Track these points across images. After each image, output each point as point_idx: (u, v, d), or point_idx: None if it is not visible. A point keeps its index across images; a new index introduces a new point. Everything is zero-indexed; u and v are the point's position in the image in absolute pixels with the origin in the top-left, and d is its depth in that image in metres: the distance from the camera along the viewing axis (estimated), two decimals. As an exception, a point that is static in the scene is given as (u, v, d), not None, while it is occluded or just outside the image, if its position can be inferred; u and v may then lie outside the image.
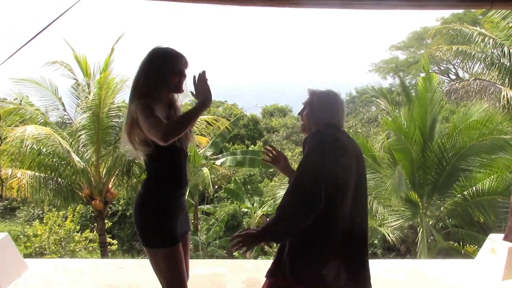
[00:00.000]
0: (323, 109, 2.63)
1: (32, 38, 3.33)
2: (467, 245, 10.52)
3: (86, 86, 11.37)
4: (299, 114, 2.74)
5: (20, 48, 3.34)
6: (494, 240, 4.74)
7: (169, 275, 2.69)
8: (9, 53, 3.35)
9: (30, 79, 11.52)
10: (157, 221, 2.64)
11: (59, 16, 3.24)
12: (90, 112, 10.98)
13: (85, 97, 10.96)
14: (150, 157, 2.63)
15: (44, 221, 14.65)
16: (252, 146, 24.86)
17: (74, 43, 12.05)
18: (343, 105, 2.69)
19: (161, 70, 2.59)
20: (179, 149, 2.68)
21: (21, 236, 14.48)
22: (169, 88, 2.65)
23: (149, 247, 2.68)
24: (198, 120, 13.60)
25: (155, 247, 2.66)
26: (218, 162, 14.89)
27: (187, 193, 14.74)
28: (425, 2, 3.42)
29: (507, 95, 10.87)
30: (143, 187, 2.77)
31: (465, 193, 10.40)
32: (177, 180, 2.73)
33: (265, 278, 2.58)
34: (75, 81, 12.09)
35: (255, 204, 17.08)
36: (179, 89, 2.68)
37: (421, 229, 10.33)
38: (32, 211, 17.85)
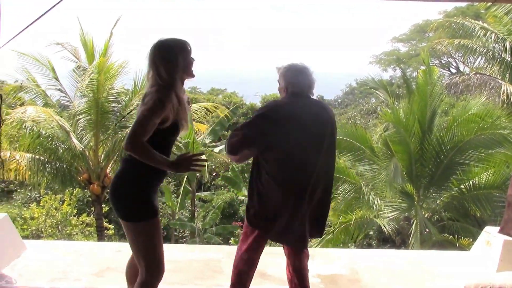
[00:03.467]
0: (285, 80, 3.02)
1: (33, 22, 3.33)
2: (462, 238, 10.58)
3: (87, 70, 11.31)
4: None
5: (21, 31, 3.34)
6: (490, 232, 4.78)
7: (151, 250, 2.71)
8: (11, 35, 3.34)
9: (32, 55, 11.47)
10: (139, 194, 2.68)
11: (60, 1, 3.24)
12: (90, 96, 10.96)
13: (86, 81, 10.93)
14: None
15: (41, 204, 14.66)
16: (251, 134, 24.83)
17: (78, 26, 11.93)
18: (305, 74, 3.02)
19: (180, 59, 2.69)
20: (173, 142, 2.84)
21: (18, 219, 14.48)
22: (187, 75, 2.76)
23: (132, 221, 2.69)
24: (198, 107, 13.65)
25: (139, 221, 2.67)
26: (216, 150, 14.89)
27: (185, 179, 14.80)
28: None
29: (507, 90, 10.87)
30: (125, 166, 2.78)
31: (462, 186, 10.45)
32: (159, 172, 2.76)
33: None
34: (76, 64, 12.06)
35: (252, 192, 17.07)
36: (193, 74, 2.79)
37: (415, 221, 10.39)
38: (29, 194, 17.82)
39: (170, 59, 2.66)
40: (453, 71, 27.64)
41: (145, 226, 2.68)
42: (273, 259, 4.19)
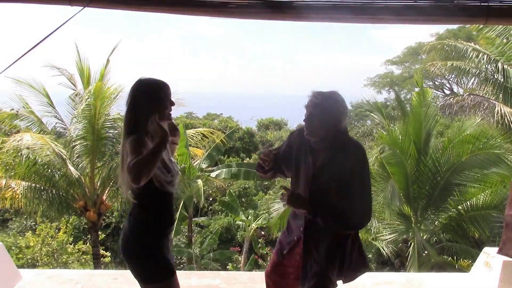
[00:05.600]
0: (337, 113, 2.67)
1: (31, 49, 3.34)
2: (461, 259, 10.52)
3: (84, 96, 11.35)
4: (306, 119, 2.68)
5: (19, 58, 3.35)
6: (489, 253, 4.75)
7: None
8: (8, 62, 3.35)
9: (28, 82, 11.51)
10: (155, 254, 2.60)
11: (59, 27, 3.26)
12: (86, 122, 10.97)
13: (82, 107, 10.95)
14: (140, 199, 2.56)
15: (36, 232, 14.53)
16: (247, 159, 24.84)
17: (74, 54, 12.02)
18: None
19: (156, 102, 2.52)
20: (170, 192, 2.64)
21: (13, 248, 14.33)
22: (163, 118, 2.54)
23: (153, 282, 2.62)
24: (194, 132, 13.71)
25: (159, 281, 2.62)
26: (213, 175, 14.88)
27: (181, 204, 14.72)
28: (419, 17, 3.46)
29: (501, 110, 10.94)
30: (130, 230, 2.64)
31: (459, 207, 10.42)
32: (166, 222, 2.66)
33: None
34: (74, 91, 12.09)
35: (249, 217, 17.03)
36: (170, 118, 2.63)
37: (412, 243, 10.34)
38: (25, 222, 17.69)
39: (144, 97, 2.53)
40: (447, 92, 27.88)
41: (168, 285, 2.65)
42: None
